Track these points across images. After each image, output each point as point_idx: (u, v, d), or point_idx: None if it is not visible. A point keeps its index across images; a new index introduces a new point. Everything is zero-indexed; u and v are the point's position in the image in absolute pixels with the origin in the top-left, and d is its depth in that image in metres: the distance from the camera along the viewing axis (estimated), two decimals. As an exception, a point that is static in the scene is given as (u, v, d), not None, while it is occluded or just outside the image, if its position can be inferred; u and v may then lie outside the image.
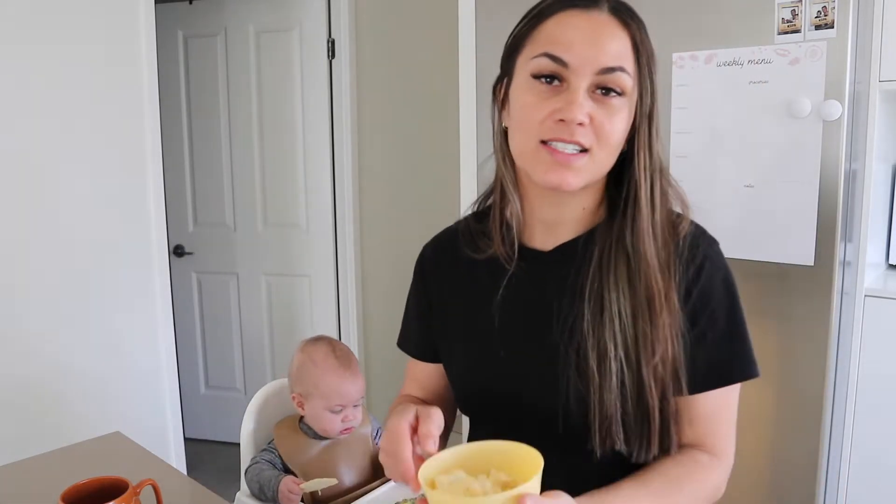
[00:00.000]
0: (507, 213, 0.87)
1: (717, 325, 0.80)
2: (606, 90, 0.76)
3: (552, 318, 0.83)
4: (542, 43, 0.77)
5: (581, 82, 0.75)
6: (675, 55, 1.65)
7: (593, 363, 0.78)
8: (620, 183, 0.82)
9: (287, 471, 1.50)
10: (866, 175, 1.52)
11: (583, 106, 0.74)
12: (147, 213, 2.30)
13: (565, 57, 0.75)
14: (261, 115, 2.92)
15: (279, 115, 2.90)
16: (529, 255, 0.87)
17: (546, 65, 0.76)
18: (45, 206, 2.05)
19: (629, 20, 0.77)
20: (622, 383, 0.77)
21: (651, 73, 0.79)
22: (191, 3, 2.92)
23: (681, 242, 0.81)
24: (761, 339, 0.85)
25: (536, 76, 0.77)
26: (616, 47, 0.75)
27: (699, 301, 0.80)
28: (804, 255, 1.52)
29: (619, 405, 0.77)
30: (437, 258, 0.97)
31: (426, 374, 1.00)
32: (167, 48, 2.88)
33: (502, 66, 0.86)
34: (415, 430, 0.74)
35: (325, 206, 2.91)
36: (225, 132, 2.97)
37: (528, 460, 0.64)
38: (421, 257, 0.99)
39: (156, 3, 2.29)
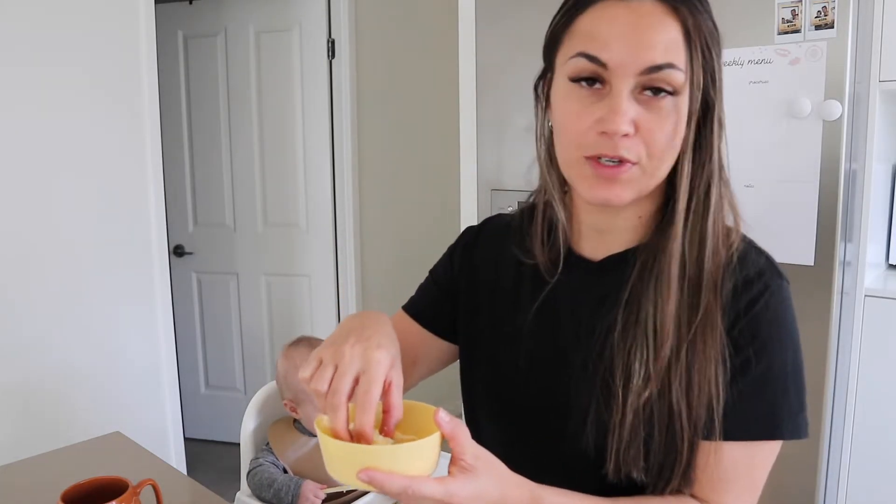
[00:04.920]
0: (553, 220, 0.79)
1: (761, 366, 0.70)
2: (655, 90, 0.65)
3: (583, 329, 0.76)
4: (578, 40, 0.68)
5: (623, 85, 0.65)
6: (675, 55, 1.65)
7: (619, 379, 0.70)
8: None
9: (285, 471, 1.50)
10: (866, 175, 1.52)
11: (626, 113, 0.65)
12: (147, 213, 2.30)
13: (603, 56, 0.65)
14: (261, 115, 2.92)
15: (279, 115, 2.90)
16: (577, 263, 0.79)
17: (583, 66, 0.66)
18: (45, 206, 2.05)
19: (680, 4, 0.65)
20: (650, 405, 0.69)
21: (710, 62, 0.67)
22: (191, 3, 2.92)
23: (734, 263, 0.71)
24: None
25: (574, 79, 0.68)
26: (663, 40, 0.64)
27: (746, 333, 0.70)
28: (804, 254, 1.52)
29: (643, 429, 0.69)
30: (481, 248, 0.89)
31: (409, 336, 0.89)
32: (167, 48, 2.88)
33: (544, 62, 0.76)
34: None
35: (325, 206, 2.91)
36: (225, 132, 2.97)
37: (425, 417, 0.60)
38: (463, 240, 0.92)
39: (156, 3, 2.29)
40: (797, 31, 1.51)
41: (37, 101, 2.01)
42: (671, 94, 0.66)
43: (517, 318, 0.81)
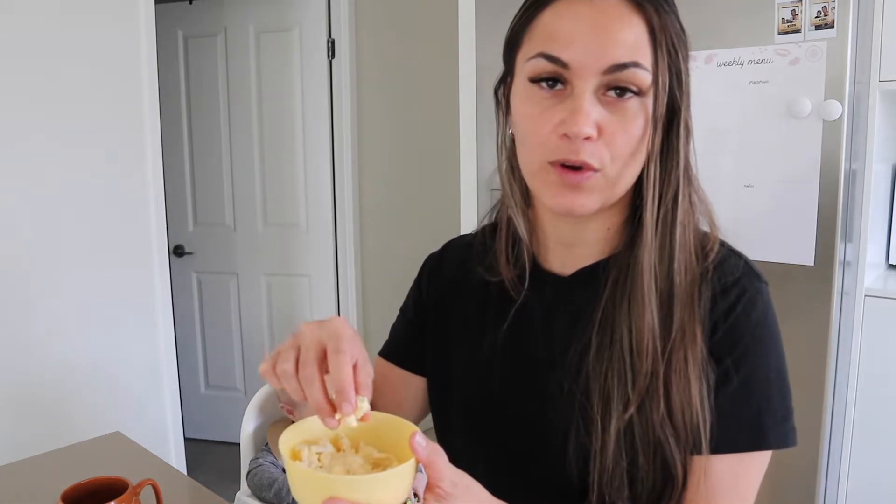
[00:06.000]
0: (517, 232, 0.75)
1: (742, 374, 0.66)
2: (620, 90, 0.62)
3: (557, 348, 0.72)
4: (538, 40, 0.64)
5: (586, 85, 0.62)
6: (675, 55, 1.65)
7: (597, 404, 0.67)
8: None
9: (284, 471, 1.50)
10: (866, 175, 1.52)
11: (589, 115, 0.61)
12: (147, 213, 2.30)
13: (564, 56, 0.62)
14: (261, 115, 2.92)
15: (279, 115, 2.90)
16: (546, 279, 0.75)
17: (543, 67, 0.63)
18: (46, 206, 2.05)
19: (645, 1, 0.63)
20: (631, 430, 0.66)
21: (676, 63, 0.65)
22: (191, 3, 2.92)
23: (710, 270, 0.68)
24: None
25: (534, 80, 0.65)
26: (628, 38, 0.61)
27: (725, 343, 0.67)
28: (804, 255, 1.52)
29: (626, 456, 0.66)
30: (446, 272, 0.85)
31: (390, 379, 0.87)
32: (167, 48, 2.88)
33: (504, 64, 0.73)
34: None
35: (324, 206, 2.91)
36: (225, 132, 2.97)
37: (402, 435, 0.56)
38: (427, 267, 0.87)
39: (156, 3, 2.29)
40: (797, 31, 1.51)
41: (37, 101, 2.01)
42: (637, 94, 0.63)
43: (487, 338, 0.77)
